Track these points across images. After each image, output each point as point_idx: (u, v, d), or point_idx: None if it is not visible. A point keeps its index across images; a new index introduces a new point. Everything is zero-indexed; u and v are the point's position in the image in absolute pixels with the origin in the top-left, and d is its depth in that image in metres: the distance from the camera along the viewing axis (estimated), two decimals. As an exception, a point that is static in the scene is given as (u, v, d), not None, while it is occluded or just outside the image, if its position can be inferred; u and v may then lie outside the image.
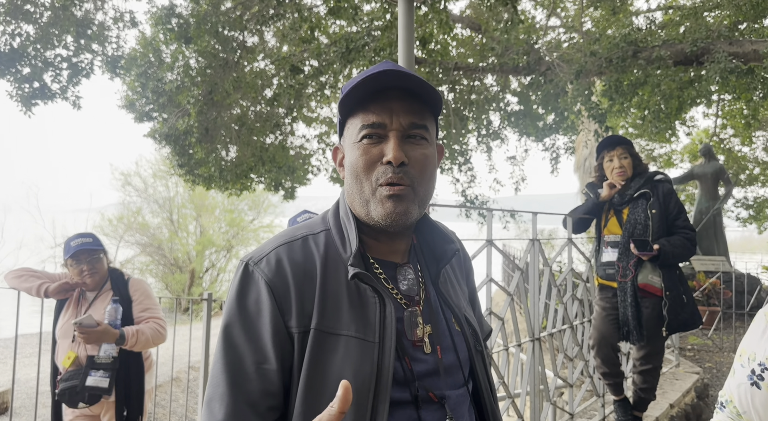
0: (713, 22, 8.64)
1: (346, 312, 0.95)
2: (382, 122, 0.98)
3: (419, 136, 1.00)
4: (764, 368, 1.40)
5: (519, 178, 10.11)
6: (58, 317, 3.19)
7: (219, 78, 8.35)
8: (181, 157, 8.75)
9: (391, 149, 0.96)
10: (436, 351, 1.01)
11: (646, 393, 3.26)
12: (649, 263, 3.09)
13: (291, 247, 1.01)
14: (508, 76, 10.02)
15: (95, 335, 2.90)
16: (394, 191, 0.97)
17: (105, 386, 2.98)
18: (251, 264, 0.99)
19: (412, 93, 1.00)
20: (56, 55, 7.51)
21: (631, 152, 3.31)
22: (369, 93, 0.99)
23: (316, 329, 0.93)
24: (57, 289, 3.12)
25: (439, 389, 0.99)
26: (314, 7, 9.07)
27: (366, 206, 1.00)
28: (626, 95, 8.01)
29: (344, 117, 1.05)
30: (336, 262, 1.00)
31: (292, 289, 0.96)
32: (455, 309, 1.09)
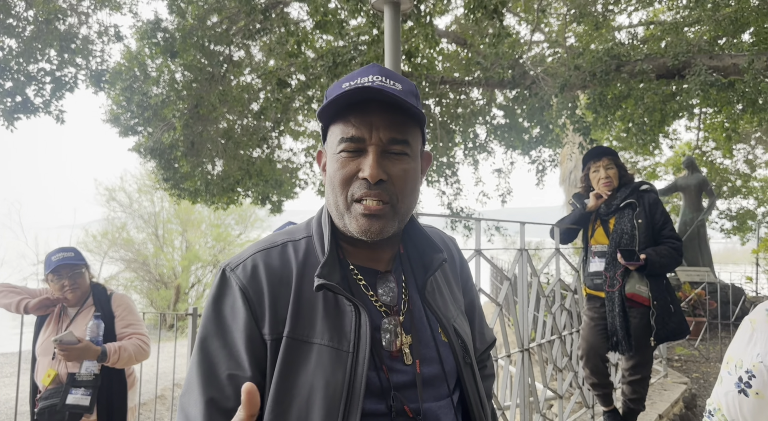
0: (693, 37, 8.80)
1: (320, 320, 0.94)
2: (361, 136, 0.95)
3: (400, 152, 0.97)
4: (751, 375, 1.39)
5: (505, 190, 10.16)
6: (38, 334, 3.11)
7: (205, 92, 8.33)
8: (167, 171, 8.68)
9: (368, 167, 0.94)
10: (416, 364, 0.98)
11: (636, 404, 3.24)
12: (636, 273, 3.10)
13: (269, 253, 1.00)
14: (494, 90, 10.12)
15: (76, 352, 2.83)
16: (371, 211, 0.95)
17: (86, 404, 2.91)
18: (228, 270, 0.98)
19: (394, 105, 0.96)
20: (39, 69, 7.45)
21: (617, 163, 3.33)
22: (350, 104, 0.96)
23: (289, 336, 0.92)
24: (37, 305, 3.05)
25: (416, 402, 0.96)
26: (301, 21, 9.11)
27: (342, 219, 0.99)
28: (610, 108, 8.12)
29: (326, 123, 1.03)
30: (314, 269, 0.98)
31: (266, 295, 0.94)
32: (443, 319, 1.06)
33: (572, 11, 9.77)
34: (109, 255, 20.17)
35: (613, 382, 3.57)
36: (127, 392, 3.13)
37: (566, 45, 10.02)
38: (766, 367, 1.37)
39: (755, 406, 1.39)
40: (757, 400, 1.39)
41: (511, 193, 10.11)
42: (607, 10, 10.06)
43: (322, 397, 0.88)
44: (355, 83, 0.98)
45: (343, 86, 0.99)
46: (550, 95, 8.03)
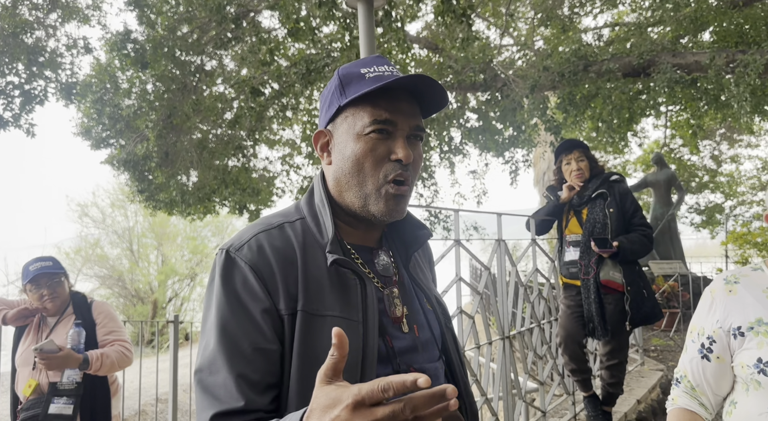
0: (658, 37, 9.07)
1: (328, 295, 0.99)
2: (394, 121, 1.01)
3: (418, 137, 1.06)
4: (712, 340, 1.47)
5: (480, 191, 10.29)
6: (17, 345, 3.07)
7: (178, 102, 8.29)
8: (141, 182, 8.60)
9: (402, 148, 1.01)
10: (413, 329, 1.07)
11: (614, 388, 3.33)
12: (609, 260, 3.20)
13: (270, 234, 1.03)
14: (467, 94, 10.27)
15: (57, 361, 2.80)
16: (401, 192, 1.02)
17: (69, 413, 2.87)
18: (232, 251, 1.00)
19: (416, 96, 1.05)
20: (8, 82, 7.33)
21: (588, 155, 3.44)
22: (380, 89, 1.00)
23: (303, 310, 0.96)
24: (16, 315, 3.02)
25: (419, 363, 1.04)
26: (273, 30, 9.14)
27: (364, 199, 1.03)
28: (579, 108, 8.31)
29: (345, 104, 1.05)
30: (314, 248, 1.03)
31: (277, 272, 0.98)
32: (426, 290, 1.16)
33: (539, 15, 10.00)
34: (83, 272, 19.76)
35: (592, 368, 3.66)
36: (111, 399, 3.10)
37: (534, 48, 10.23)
38: (724, 332, 1.45)
39: (717, 369, 1.48)
40: (719, 364, 1.47)
41: (486, 194, 10.25)
42: (573, 12, 10.32)
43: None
44: (377, 71, 1.04)
45: (362, 71, 1.04)
46: (521, 97, 8.19)
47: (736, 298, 1.45)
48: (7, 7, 7.46)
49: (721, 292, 1.49)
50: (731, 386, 1.50)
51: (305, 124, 10.63)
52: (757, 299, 1.42)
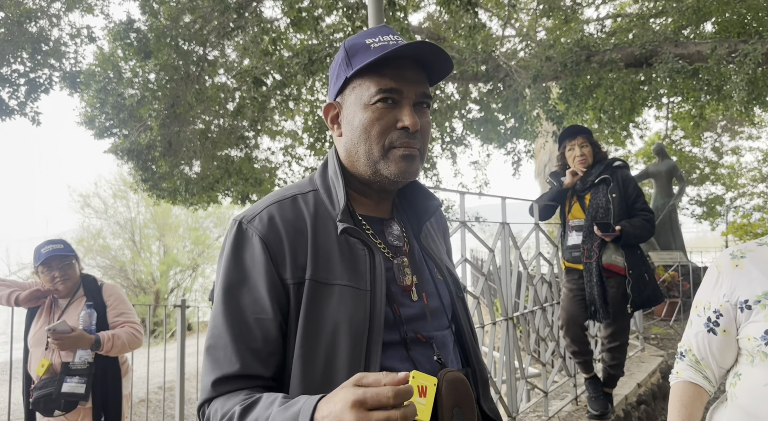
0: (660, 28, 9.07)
1: (337, 264, 1.01)
2: (399, 89, 1.03)
3: (426, 104, 1.08)
4: (719, 314, 1.51)
5: (482, 182, 10.33)
6: (29, 326, 3.12)
7: (180, 91, 8.31)
8: (145, 172, 8.64)
9: (409, 116, 1.02)
10: (422, 298, 1.09)
11: (615, 370, 3.40)
12: (612, 244, 3.25)
13: (282, 205, 1.06)
14: (468, 85, 10.28)
15: (70, 341, 2.85)
16: (410, 152, 1.04)
17: (81, 391, 2.93)
18: (245, 222, 1.04)
19: (421, 64, 1.06)
20: (13, 70, 7.36)
21: (591, 141, 3.48)
22: (385, 59, 1.02)
23: (311, 279, 0.99)
24: (28, 297, 3.06)
25: (427, 331, 1.07)
26: (275, 20, 9.14)
27: (374, 166, 1.06)
28: (581, 98, 8.33)
29: (351, 76, 1.07)
30: (325, 219, 1.06)
31: (286, 243, 1.01)
32: (437, 260, 1.18)
33: (542, 6, 10.00)
34: (85, 262, 19.75)
35: (593, 350, 3.72)
36: (121, 379, 3.16)
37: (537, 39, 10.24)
38: (731, 305, 1.48)
39: (723, 342, 1.51)
40: (725, 337, 1.51)
41: (488, 184, 10.29)
42: (576, 3, 10.32)
43: (347, 331, 0.97)
44: (382, 41, 1.05)
45: (368, 42, 1.06)
46: (523, 87, 8.21)
47: (742, 272, 1.48)
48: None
49: (728, 266, 1.52)
50: (735, 359, 1.53)
51: (307, 115, 10.65)
52: (764, 272, 1.44)
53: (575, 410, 3.60)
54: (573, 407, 3.64)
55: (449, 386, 0.99)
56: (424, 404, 0.95)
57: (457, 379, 1.01)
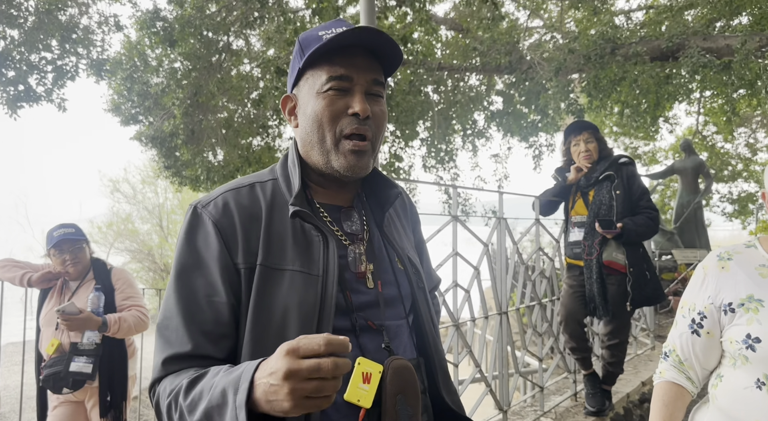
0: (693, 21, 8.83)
1: (290, 250, 1.03)
2: (349, 76, 1.04)
3: (378, 93, 1.08)
4: (703, 316, 1.50)
5: (502, 175, 10.24)
6: (41, 307, 3.24)
7: (204, 80, 8.43)
8: (168, 159, 8.81)
9: (358, 102, 1.03)
10: (378, 286, 1.10)
11: (614, 367, 3.37)
12: (613, 242, 3.22)
13: (238, 192, 1.08)
14: (493, 76, 10.18)
15: (78, 322, 2.95)
16: (359, 147, 1.05)
17: (88, 371, 3.03)
18: (199, 207, 1.06)
19: (373, 52, 1.07)
20: (41, 58, 7.57)
21: (597, 137, 3.44)
22: (335, 48, 1.04)
23: (262, 264, 1.01)
24: (40, 278, 3.18)
25: (379, 318, 1.07)
26: (299, 10, 9.18)
27: (326, 155, 1.07)
28: (605, 91, 8.17)
29: (304, 67, 1.08)
30: (282, 206, 1.08)
31: (239, 229, 1.03)
32: (399, 249, 1.18)
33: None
34: (115, 246, 20.36)
35: (592, 347, 3.70)
36: (128, 360, 3.26)
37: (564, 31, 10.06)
38: (716, 307, 1.48)
39: (706, 344, 1.51)
40: (708, 339, 1.50)
41: (508, 178, 10.20)
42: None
43: (296, 316, 0.98)
44: (333, 32, 1.05)
45: (320, 34, 1.06)
46: (545, 79, 8.10)
47: (728, 274, 1.47)
48: (43, -16, 7.67)
49: (714, 268, 1.51)
50: (718, 361, 1.53)
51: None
52: (749, 275, 1.44)
53: (573, 406, 3.59)
54: (571, 403, 3.63)
55: (394, 373, 1.01)
56: (367, 390, 0.97)
57: (402, 366, 1.03)
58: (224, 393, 0.86)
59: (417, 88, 9.10)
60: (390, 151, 10.16)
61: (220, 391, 0.87)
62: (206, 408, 0.88)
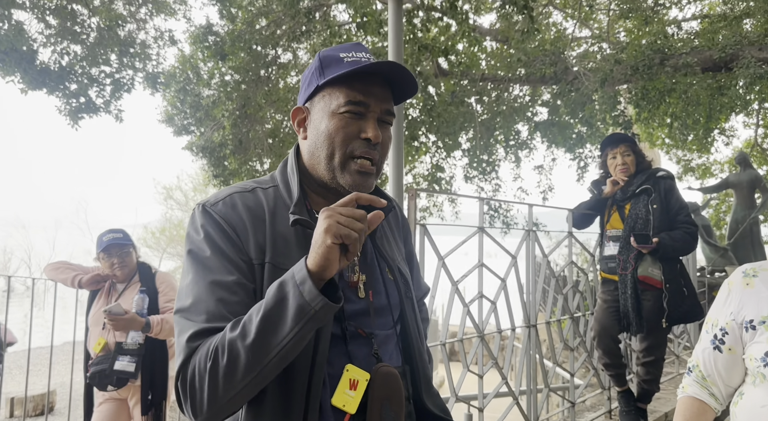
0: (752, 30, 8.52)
1: (294, 251, 1.07)
2: (366, 102, 1.10)
3: (388, 122, 1.15)
4: (725, 332, 1.48)
5: (546, 187, 10.10)
6: (90, 307, 3.42)
7: (252, 92, 8.70)
8: (216, 168, 9.11)
9: (372, 128, 1.09)
10: (369, 295, 1.14)
11: (650, 385, 3.29)
12: (649, 256, 3.15)
13: (243, 195, 1.13)
14: (538, 87, 10.10)
15: (123, 323, 3.10)
16: (366, 169, 1.10)
17: (131, 370, 3.17)
18: (208, 206, 1.10)
19: (389, 82, 1.13)
20: (101, 71, 8.01)
21: (634, 150, 3.39)
22: (356, 73, 1.09)
23: (270, 262, 1.05)
24: (90, 280, 3.36)
25: (369, 327, 1.12)
26: (344, 23, 9.38)
27: (332, 172, 1.12)
28: (654, 103, 7.98)
29: (322, 84, 1.13)
30: (283, 210, 1.12)
31: (248, 226, 1.07)
32: (389, 261, 1.22)
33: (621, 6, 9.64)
34: (167, 251, 21.09)
35: (627, 364, 3.62)
36: (169, 361, 3.39)
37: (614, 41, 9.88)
38: (737, 324, 1.46)
39: (728, 361, 1.49)
40: (730, 355, 1.48)
41: (552, 189, 10.05)
42: (657, 4, 9.86)
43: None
44: (354, 56, 1.12)
45: (341, 55, 1.12)
46: (591, 90, 7.98)
47: (752, 291, 1.45)
48: (105, 2, 8.13)
49: (739, 284, 1.49)
50: (742, 378, 1.50)
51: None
52: None
53: (608, 424, 3.52)
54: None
55: (381, 379, 1.05)
56: (352, 396, 1.03)
57: (389, 374, 1.07)
58: (281, 286, 0.93)
59: (460, 99, 9.11)
60: (432, 161, 10.19)
61: (275, 289, 0.93)
62: (263, 314, 0.91)
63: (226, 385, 0.92)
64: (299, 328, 0.90)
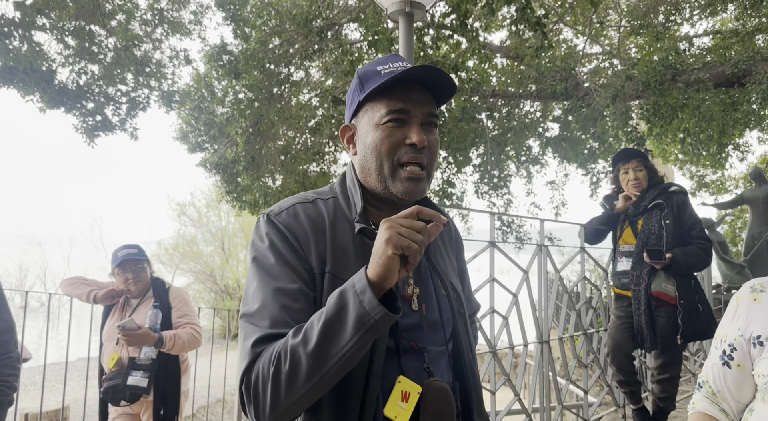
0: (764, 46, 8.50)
1: (353, 262, 1.09)
2: (407, 109, 1.11)
3: (433, 124, 1.16)
4: (733, 348, 1.47)
5: (559, 202, 10.07)
6: (105, 322, 3.44)
7: (265, 110, 8.81)
8: (229, 184, 9.21)
9: (415, 133, 1.11)
10: (422, 309, 1.14)
11: (665, 403, 3.24)
12: (662, 272, 3.13)
13: (305, 205, 1.16)
14: (549, 103, 10.12)
15: (136, 338, 3.12)
16: (415, 174, 1.12)
17: (144, 385, 3.19)
18: (272, 216, 1.14)
19: (428, 86, 1.15)
20: (117, 90, 8.16)
21: (646, 165, 3.38)
22: (395, 82, 1.11)
23: (330, 272, 1.08)
24: (104, 295, 3.39)
25: (422, 341, 1.12)
26: (356, 42, 9.49)
27: (384, 182, 1.13)
28: (666, 118, 7.96)
29: (364, 100, 1.16)
30: (343, 221, 1.15)
31: (310, 236, 1.10)
32: (442, 275, 1.22)
33: (631, 22, 9.67)
34: (180, 267, 21.18)
35: (641, 381, 3.57)
36: (181, 376, 3.41)
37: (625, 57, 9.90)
38: (745, 339, 1.44)
39: (737, 377, 1.47)
40: (739, 371, 1.47)
41: (565, 205, 10.02)
42: (668, 20, 9.88)
43: None
44: (391, 67, 1.13)
45: (378, 69, 1.14)
46: (603, 106, 7.99)
47: (759, 306, 1.44)
48: (122, 23, 8.32)
49: (746, 300, 1.48)
50: (753, 394, 1.49)
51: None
52: None
53: (624, 442, 3.46)
54: (621, 440, 3.50)
55: (433, 394, 1.05)
56: (404, 408, 1.02)
57: (441, 389, 1.07)
58: (342, 294, 0.94)
59: (470, 115, 9.16)
60: (442, 177, 10.21)
61: (336, 297, 0.94)
62: (324, 322, 0.93)
63: (287, 390, 0.95)
64: (359, 337, 0.92)
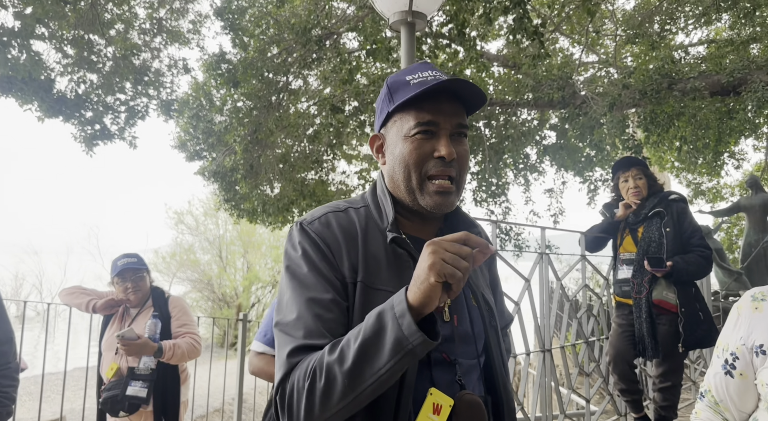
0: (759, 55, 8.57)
1: (385, 271, 1.09)
2: (436, 121, 1.10)
3: (463, 134, 1.15)
4: (735, 357, 1.47)
5: (557, 210, 10.10)
6: (104, 332, 3.42)
7: (263, 118, 8.82)
8: (228, 192, 9.20)
9: (444, 146, 1.09)
10: (453, 320, 1.13)
11: (667, 411, 3.24)
12: (663, 280, 3.14)
13: (337, 214, 1.16)
14: (546, 111, 10.17)
15: (135, 348, 3.09)
16: (443, 188, 1.11)
17: (143, 395, 3.16)
18: (305, 224, 1.14)
19: (457, 96, 1.14)
20: (116, 99, 8.17)
21: (646, 173, 3.40)
22: (423, 93, 1.09)
23: (362, 282, 1.07)
24: (104, 305, 3.37)
25: (454, 354, 1.10)
26: (354, 51, 9.53)
27: (412, 194, 1.13)
28: (662, 126, 8.00)
29: (393, 110, 1.15)
30: (375, 230, 1.14)
31: (342, 245, 1.10)
32: (474, 287, 1.21)
33: (627, 31, 9.74)
34: (177, 276, 21.10)
35: (643, 389, 3.56)
36: (180, 386, 3.38)
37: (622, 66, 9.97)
38: (747, 349, 1.44)
39: (740, 386, 1.47)
40: (742, 380, 1.46)
41: (563, 213, 10.04)
42: (664, 29, 9.96)
43: None
44: (421, 76, 1.13)
45: (407, 78, 1.14)
46: (600, 115, 8.03)
47: (761, 315, 1.44)
48: (121, 32, 8.34)
49: (747, 308, 1.48)
50: (756, 403, 1.48)
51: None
52: None
53: (625, 451, 3.45)
54: (623, 449, 3.49)
55: (466, 407, 1.04)
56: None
57: (473, 402, 1.05)
58: (380, 316, 0.93)
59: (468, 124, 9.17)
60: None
61: (374, 318, 0.93)
62: (361, 343, 0.92)
63: (321, 406, 0.95)
64: (395, 361, 0.91)
